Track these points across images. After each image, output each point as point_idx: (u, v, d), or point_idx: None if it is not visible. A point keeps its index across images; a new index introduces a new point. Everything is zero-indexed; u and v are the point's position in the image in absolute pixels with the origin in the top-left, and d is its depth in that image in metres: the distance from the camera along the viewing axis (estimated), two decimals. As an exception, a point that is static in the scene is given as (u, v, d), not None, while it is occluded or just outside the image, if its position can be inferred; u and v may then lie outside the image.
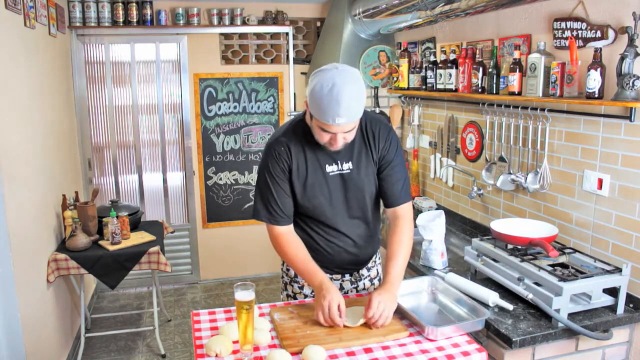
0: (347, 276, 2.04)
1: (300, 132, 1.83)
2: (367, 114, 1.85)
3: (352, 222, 1.93)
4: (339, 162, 1.84)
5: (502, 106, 2.58)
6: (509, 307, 1.87)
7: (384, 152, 1.87)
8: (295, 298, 2.06)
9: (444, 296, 1.91)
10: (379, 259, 2.17)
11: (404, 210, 1.90)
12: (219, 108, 4.37)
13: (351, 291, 2.06)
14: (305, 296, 2.04)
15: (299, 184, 1.83)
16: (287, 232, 1.86)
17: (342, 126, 1.63)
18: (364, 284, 2.08)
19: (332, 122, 1.61)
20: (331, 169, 1.84)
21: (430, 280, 1.99)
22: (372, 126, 1.86)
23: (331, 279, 2.00)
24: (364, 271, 2.07)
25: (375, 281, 2.12)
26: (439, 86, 2.98)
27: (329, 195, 1.86)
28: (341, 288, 2.04)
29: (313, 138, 1.79)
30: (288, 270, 2.07)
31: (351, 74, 1.63)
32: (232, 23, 4.18)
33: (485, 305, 1.89)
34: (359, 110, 1.65)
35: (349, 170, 1.85)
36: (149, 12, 3.98)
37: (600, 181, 2.09)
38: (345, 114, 1.59)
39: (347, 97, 1.57)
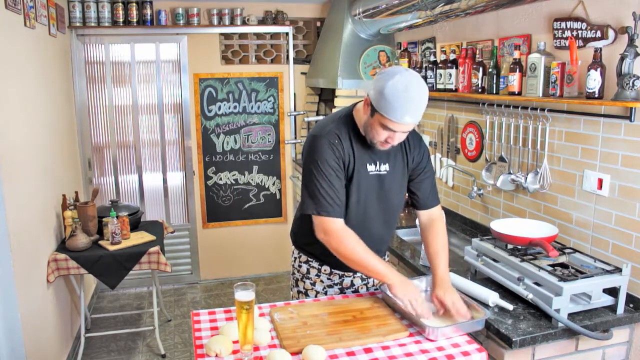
0: (359, 273, 2.06)
1: (347, 129, 1.84)
2: None
3: (375, 224, 1.96)
4: (377, 162, 1.88)
5: (502, 106, 2.58)
6: (509, 307, 1.87)
7: (419, 159, 1.96)
8: (307, 295, 2.07)
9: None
10: (387, 257, 2.22)
11: (438, 211, 2.03)
12: (219, 108, 4.37)
13: (361, 288, 2.09)
14: (317, 293, 2.05)
15: (345, 180, 1.84)
16: (343, 226, 1.80)
17: (406, 125, 1.69)
18: (373, 280, 2.11)
19: (399, 120, 1.66)
20: (371, 168, 1.88)
21: (430, 280, 1.98)
22: (413, 139, 1.96)
23: (343, 275, 2.04)
24: None
25: None
26: (439, 86, 2.98)
27: (364, 195, 1.88)
28: (352, 284, 2.07)
29: (359, 136, 1.84)
30: (300, 266, 2.08)
31: (420, 78, 1.70)
32: (232, 23, 4.18)
33: (486, 305, 1.89)
34: (422, 113, 1.71)
35: (385, 172, 1.90)
36: (149, 12, 3.98)
37: (600, 181, 2.09)
38: (414, 113, 1.67)
39: (419, 99, 1.66)
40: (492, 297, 1.91)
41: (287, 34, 4.38)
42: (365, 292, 2.04)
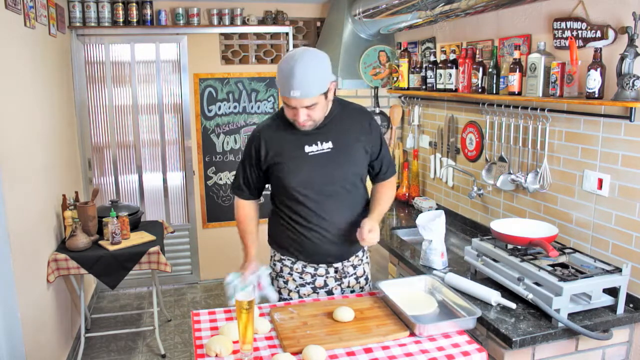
0: (332, 272, 2.05)
1: (278, 122, 1.98)
2: (348, 102, 2.05)
3: (335, 204, 1.96)
4: (318, 142, 1.93)
5: (502, 106, 2.58)
6: (512, 305, 1.87)
7: (374, 140, 2.03)
8: (280, 293, 2.08)
9: (440, 295, 1.91)
10: (367, 257, 2.17)
11: (392, 179, 2.15)
12: (219, 108, 4.37)
13: (335, 289, 2.07)
14: (290, 291, 2.06)
15: (280, 166, 1.92)
16: (244, 203, 2.10)
17: (300, 100, 1.75)
18: (348, 281, 2.09)
19: (290, 95, 1.74)
20: (311, 149, 1.92)
21: (428, 280, 1.99)
22: (357, 113, 2.02)
23: (315, 274, 2.04)
24: (349, 269, 2.08)
25: (362, 280, 2.13)
26: (439, 86, 2.98)
27: (311, 174, 1.92)
28: (325, 285, 2.06)
29: (293, 125, 1.92)
30: (274, 265, 2.11)
31: (314, 53, 1.76)
32: (232, 23, 4.18)
33: (488, 305, 1.89)
34: (314, 86, 1.74)
35: (329, 150, 1.93)
36: (149, 12, 3.98)
37: (600, 181, 2.09)
38: (299, 87, 1.71)
39: (300, 72, 1.70)
40: (495, 297, 1.91)
41: (287, 34, 4.38)
42: (339, 295, 2.03)
